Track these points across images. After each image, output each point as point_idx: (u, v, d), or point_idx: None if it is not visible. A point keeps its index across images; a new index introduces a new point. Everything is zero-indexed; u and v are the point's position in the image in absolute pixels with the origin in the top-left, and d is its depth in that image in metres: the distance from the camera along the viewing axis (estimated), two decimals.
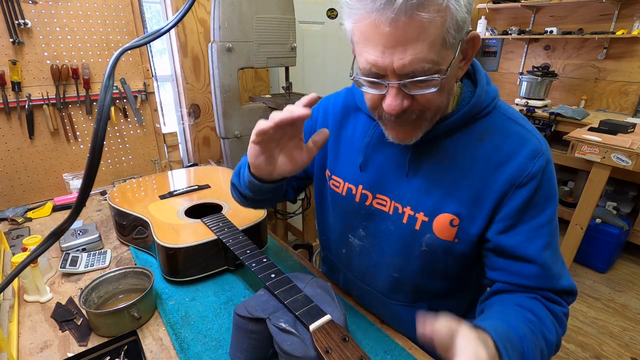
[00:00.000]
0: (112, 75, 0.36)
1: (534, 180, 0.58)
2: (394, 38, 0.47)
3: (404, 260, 0.71)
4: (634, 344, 1.81)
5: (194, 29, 1.94)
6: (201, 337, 0.73)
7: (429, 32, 0.46)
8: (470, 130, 0.62)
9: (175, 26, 0.93)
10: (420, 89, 0.52)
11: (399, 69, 0.49)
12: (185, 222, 0.98)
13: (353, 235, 0.78)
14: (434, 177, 0.64)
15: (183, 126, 2.12)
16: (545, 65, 3.22)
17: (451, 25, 0.47)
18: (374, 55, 0.50)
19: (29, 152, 1.56)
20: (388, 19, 0.46)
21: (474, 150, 0.61)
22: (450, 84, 0.56)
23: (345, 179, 0.76)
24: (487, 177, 0.60)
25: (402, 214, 0.67)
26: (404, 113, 0.55)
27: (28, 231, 1.13)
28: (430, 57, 0.48)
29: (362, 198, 0.73)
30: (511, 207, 0.59)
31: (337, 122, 0.78)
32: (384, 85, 0.53)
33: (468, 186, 0.61)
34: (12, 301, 0.78)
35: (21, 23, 1.40)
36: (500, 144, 0.60)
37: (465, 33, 0.52)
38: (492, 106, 0.63)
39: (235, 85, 1.72)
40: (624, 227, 2.26)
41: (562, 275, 0.61)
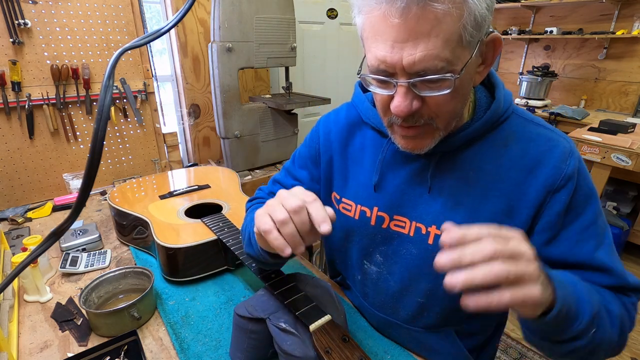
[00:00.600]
0: (112, 75, 0.36)
1: (570, 182, 0.54)
2: (404, 31, 0.43)
3: (432, 284, 0.64)
4: (634, 344, 1.81)
5: (194, 29, 1.94)
6: (201, 337, 0.73)
7: (443, 26, 0.43)
8: (492, 138, 0.59)
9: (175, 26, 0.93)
10: (431, 89, 0.48)
11: (408, 66, 0.45)
12: (185, 222, 0.98)
13: (369, 261, 0.71)
14: (460, 191, 0.59)
15: (183, 126, 2.12)
16: (545, 65, 3.22)
17: (469, 21, 0.43)
18: (383, 51, 0.46)
19: (29, 152, 1.56)
20: (399, 9, 0.42)
21: (499, 158, 0.57)
22: (465, 88, 0.51)
23: (357, 201, 0.69)
24: (518, 184, 0.56)
25: (427, 234, 0.62)
26: (412, 116, 0.51)
27: (28, 231, 1.13)
28: (444, 55, 0.44)
29: (378, 221, 0.67)
30: (552, 215, 0.55)
31: (342, 141, 0.72)
32: (392, 85, 0.49)
33: (498, 197, 0.57)
34: (12, 301, 0.78)
35: (21, 23, 1.40)
36: (526, 148, 0.57)
37: (485, 34, 0.48)
38: (510, 111, 0.59)
39: (235, 85, 1.73)
40: (624, 227, 2.25)
41: (625, 272, 0.56)
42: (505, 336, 1.85)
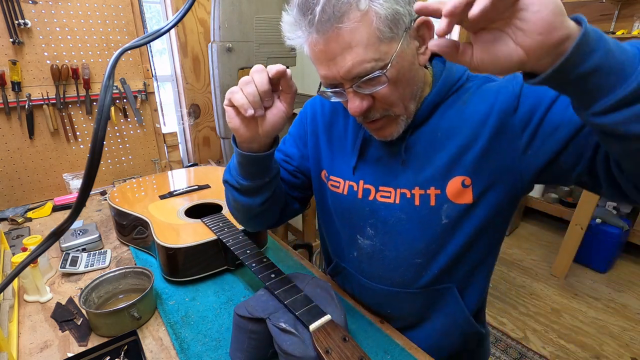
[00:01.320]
0: (112, 75, 0.36)
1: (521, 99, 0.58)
2: (330, 52, 0.53)
3: (425, 243, 0.69)
4: (634, 344, 1.81)
5: (194, 29, 1.94)
6: (201, 337, 0.73)
7: (357, 37, 0.50)
8: (452, 101, 0.65)
9: (175, 26, 0.93)
10: (372, 86, 0.55)
11: (344, 75, 0.54)
12: (185, 222, 0.98)
13: (362, 235, 0.76)
14: (432, 151, 0.65)
15: (183, 126, 2.12)
16: None
17: (380, 23, 0.50)
18: (323, 70, 0.56)
19: (29, 152, 1.56)
20: (318, 39, 0.52)
21: (460, 114, 0.64)
22: (408, 73, 0.57)
23: (345, 177, 0.75)
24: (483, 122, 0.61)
25: (412, 196, 0.67)
26: (369, 112, 0.59)
27: (28, 231, 1.14)
28: (369, 57, 0.52)
29: (365, 193, 0.72)
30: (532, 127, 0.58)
31: (327, 121, 0.78)
32: (343, 92, 0.58)
33: (467, 142, 0.63)
34: (12, 301, 0.78)
35: (21, 23, 1.40)
36: (483, 97, 0.62)
37: (410, 22, 0.53)
38: (466, 77, 0.65)
39: (235, 85, 1.72)
40: (624, 227, 2.26)
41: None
42: (506, 336, 1.85)
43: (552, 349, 1.79)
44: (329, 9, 0.49)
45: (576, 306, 2.07)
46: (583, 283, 2.26)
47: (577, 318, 1.98)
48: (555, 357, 1.74)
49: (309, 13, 0.50)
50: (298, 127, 0.84)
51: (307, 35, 0.53)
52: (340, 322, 0.62)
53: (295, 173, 0.82)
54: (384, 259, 0.74)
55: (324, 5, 0.49)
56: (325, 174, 0.79)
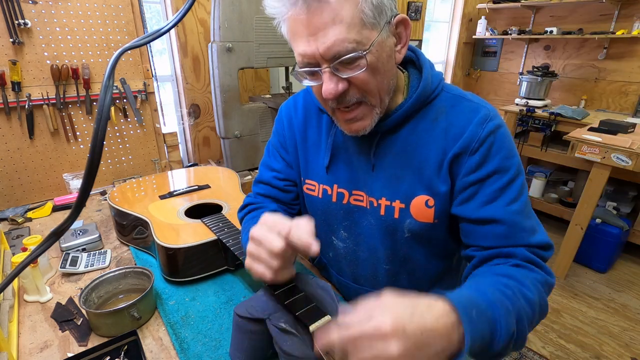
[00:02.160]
0: (112, 75, 0.36)
1: (485, 144, 0.60)
2: (312, 25, 0.52)
3: (391, 251, 0.72)
4: (634, 344, 1.81)
5: (194, 29, 1.94)
6: (201, 337, 0.73)
7: (342, 13, 0.50)
8: (424, 114, 0.65)
9: (175, 26, 0.93)
10: (351, 70, 0.55)
11: (324, 53, 0.53)
12: (185, 222, 0.98)
13: (336, 237, 0.79)
14: (401, 164, 0.66)
15: (183, 126, 2.12)
16: (545, 65, 3.22)
17: (365, 6, 0.51)
18: (302, 46, 0.54)
19: (29, 152, 1.56)
20: (302, 9, 0.51)
21: (431, 131, 0.64)
22: (385, 65, 0.57)
23: (319, 181, 0.76)
24: (447, 150, 0.63)
25: (379, 206, 0.69)
26: (343, 97, 0.58)
27: (28, 231, 1.13)
28: (351, 37, 0.51)
29: (339, 197, 0.74)
30: (468, 175, 0.61)
31: (302, 126, 0.78)
32: (319, 74, 0.56)
33: (432, 165, 0.64)
34: (12, 301, 0.78)
35: (21, 23, 1.40)
36: (453, 119, 0.63)
37: (391, 17, 0.55)
38: (440, 88, 0.66)
39: (235, 85, 1.73)
40: (624, 227, 2.25)
41: (535, 230, 0.61)
42: None
43: (552, 348, 1.78)
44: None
45: (576, 306, 2.07)
46: (583, 283, 2.26)
47: (577, 318, 1.98)
48: (555, 357, 1.74)
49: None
50: (277, 134, 0.83)
51: (291, 5, 0.52)
52: None
53: (285, 188, 0.82)
54: (357, 260, 0.77)
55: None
56: (301, 177, 0.80)
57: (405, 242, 0.70)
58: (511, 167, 0.60)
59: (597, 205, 2.17)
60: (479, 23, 3.52)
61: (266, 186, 0.82)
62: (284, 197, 0.82)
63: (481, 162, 0.60)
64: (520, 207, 0.60)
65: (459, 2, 3.48)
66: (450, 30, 3.63)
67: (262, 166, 0.86)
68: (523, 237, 0.60)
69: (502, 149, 0.60)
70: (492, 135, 0.60)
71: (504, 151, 0.60)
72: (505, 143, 0.61)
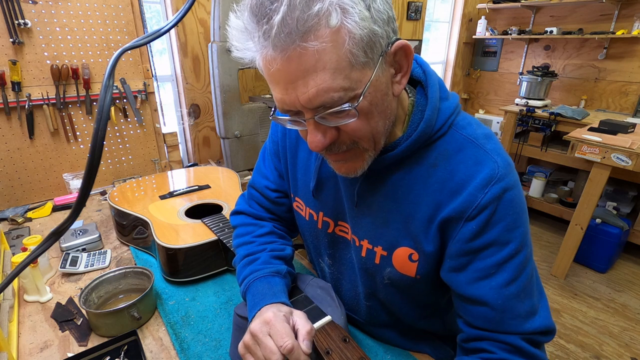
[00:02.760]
0: (112, 75, 0.36)
1: (484, 212, 0.51)
2: (289, 74, 0.42)
3: (371, 291, 0.68)
4: (634, 344, 1.81)
5: (194, 29, 1.94)
6: (201, 337, 0.73)
7: (325, 58, 0.41)
8: (423, 156, 0.55)
9: (175, 26, 0.93)
10: (339, 119, 0.46)
11: (306, 103, 0.44)
12: (185, 222, 0.98)
13: (322, 261, 0.76)
14: (389, 209, 0.59)
15: (183, 126, 2.12)
16: (545, 65, 3.22)
17: (354, 45, 0.41)
18: (279, 93, 0.46)
19: (29, 152, 1.56)
20: (275, 56, 0.42)
21: (428, 178, 0.55)
22: (381, 105, 0.48)
23: (307, 204, 0.72)
24: (440, 207, 0.54)
25: (360, 246, 0.64)
26: (332, 146, 0.50)
27: (28, 231, 1.13)
28: (338, 85, 0.42)
29: (324, 225, 0.70)
30: (461, 243, 0.53)
31: (293, 143, 0.72)
32: (302, 122, 0.48)
33: (422, 218, 0.56)
34: (12, 301, 0.78)
35: (21, 23, 1.40)
36: (454, 170, 0.53)
37: (387, 45, 0.45)
38: (448, 125, 0.55)
39: (235, 85, 1.72)
40: (624, 227, 2.25)
41: (534, 313, 0.53)
42: None
43: (552, 348, 1.78)
44: (291, 22, 0.39)
45: (576, 306, 2.07)
46: (583, 283, 2.26)
47: (577, 318, 1.98)
48: (555, 357, 1.74)
49: (265, 22, 0.40)
50: (272, 140, 0.78)
51: (260, 48, 0.43)
52: (340, 322, 0.62)
53: (277, 200, 0.78)
54: (341, 288, 0.75)
55: (284, 15, 0.39)
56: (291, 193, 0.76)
57: (384, 287, 0.65)
58: (512, 240, 0.51)
59: (597, 205, 2.17)
60: (479, 23, 3.52)
61: (258, 194, 0.79)
62: (277, 210, 0.79)
63: (478, 232, 0.51)
64: (518, 290, 0.52)
65: (459, 2, 3.48)
66: (450, 30, 3.63)
67: (256, 171, 0.82)
68: (516, 324, 0.52)
69: (504, 219, 0.51)
70: (495, 202, 0.50)
71: (507, 221, 0.51)
72: (510, 211, 0.51)
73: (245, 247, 0.72)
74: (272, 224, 0.78)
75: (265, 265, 0.67)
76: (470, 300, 0.54)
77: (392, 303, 0.67)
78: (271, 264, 0.67)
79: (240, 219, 0.80)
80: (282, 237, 0.77)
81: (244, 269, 0.68)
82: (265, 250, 0.70)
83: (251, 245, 0.72)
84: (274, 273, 0.65)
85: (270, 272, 0.65)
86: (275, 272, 0.65)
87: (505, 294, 0.52)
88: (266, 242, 0.73)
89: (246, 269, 0.68)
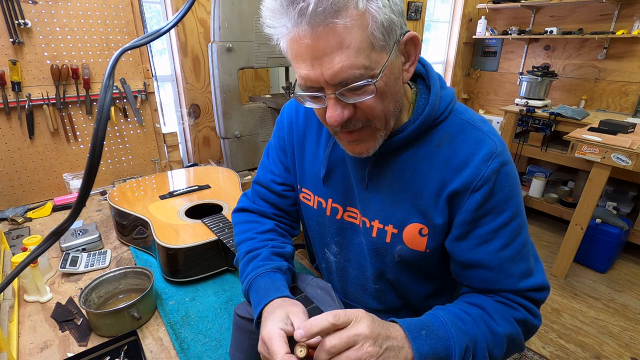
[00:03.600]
0: (112, 75, 0.36)
1: (487, 184, 0.57)
2: (317, 49, 0.47)
3: (380, 272, 0.71)
4: (634, 344, 1.81)
5: (194, 29, 1.94)
6: (201, 337, 0.73)
7: (351, 37, 0.46)
8: (428, 139, 0.61)
9: (175, 26, 0.93)
10: (358, 96, 0.51)
11: (330, 79, 0.48)
12: (185, 222, 0.98)
13: (328, 250, 0.77)
14: (398, 189, 0.63)
15: (183, 126, 2.12)
16: (545, 65, 3.22)
17: (375, 28, 0.47)
18: (305, 69, 0.50)
19: (29, 152, 1.56)
20: (307, 32, 0.46)
21: (432, 157, 0.61)
22: (393, 88, 0.54)
23: (315, 192, 0.74)
24: (447, 182, 0.60)
25: (371, 227, 0.67)
26: (348, 122, 0.55)
27: (28, 231, 1.13)
28: (360, 63, 0.47)
29: (333, 212, 0.72)
30: (467, 212, 0.59)
31: (300, 134, 0.75)
32: (323, 98, 0.52)
33: (430, 194, 0.61)
34: (12, 301, 0.78)
35: (21, 23, 1.40)
36: (457, 148, 0.59)
37: (400, 35, 0.51)
38: (448, 111, 0.61)
39: (235, 85, 1.72)
40: (624, 227, 2.25)
41: (529, 273, 0.60)
42: None
43: (552, 349, 1.78)
44: (326, 1, 0.44)
45: (576, 306, 2.07)
46: (583, 283, 2.26)
47: (577, 318, 1.98)
48: (555, 357, 1.74)
49: (302, 0, 0.45)
50: (277, 136, 0.81)
51: (293, 25, 0.47)
52: None
53: (283, 193, 0.80)
54: (347, 276, 0.76)
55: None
56: (298, 185, 0.78)
57: (394, 266, 0.68)
58: (507, 209, 0.58)
59: (597, 205, 2.17)
60: (479, 23, 3.52)
61: (264, 189, 0.81)
62: (282, 203, 0.80)
63: (482, 202, 0.57)
64: (512, 253, 0.59)
65: (459, 2, 3.47)
66: (450, 30, 3.63)
67: (261, 168, 0.84)
68: (511, 282, 0.59)
69: (502, 189, 0.58)
70: (495, 174, 0.57)
71: (504, 191, 0.58)
72: (507, 182, 0.58)
73: (247, 244, 0.73)
74: (275, 222, 0.79)
75: (267, 262, 0.68)
76: (470, 265, 0.61)
77: (401, 282, 0.70)
78: (272, 261, 0.68)
79: (243, 217, 0.81)
80: (283, 236, 0.78)
81: (247, 265, 0.69)
82: (266, 247, 0.71)
83: (253, 241, 0.73)
84: (275, 269, 0.67)
85: (272, 268, 0.67)
86: (277, 268, 0.67)
87: (500, 257, 0.59)
88: (268, 239, 0.74)
89: (248, 265, 0.69)
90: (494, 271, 0.59)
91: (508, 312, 0.59)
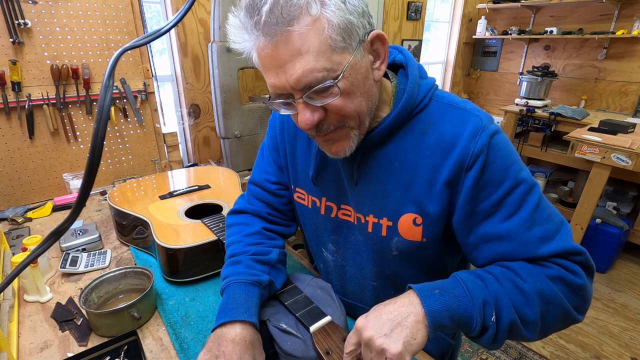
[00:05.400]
0: (112, 75, 0.36)
1: (479, 159, 0.56)
2: (278, 58, 0.49)
3: (379, 268, 0.70)
4: (634, 344, 1.81)
5: (194, 29, 1.94)
6: (201, 337, 0.73)
7: (308, 43, 0.48)
8: (411, 127, 0.62)
9: (175, 26, 0.93)
10: (325, 98, 0.52)
11: (295, 84, 0.50)
12: (185, 222, 0.98)
13: (325, 249, 0.77)
14: (388, 181, 0.63)
15: (183, 126, 2.12)
16: (545, 65, 3.22)
17: (332, 32, 0.48)
18: (272, 78, 0.52)
19: (29, 152, 1.56)
20: (266, 42, 0.49)
21: (418, 145, 0.61)
22: (362, 87, 0.54)
23: (309, 192, 0.74)
24: (438, 167, 0.59)
25: (366, 223, 0.67)
26: (321, 126, 0.56)
27: (28, 231, 1.13)
28: (320, 65, 0.49)
29: (327, 210, 0.72)
30: (466, 192, 0.58)
31: (292, 133, 0.75)
32: (293, 104, 0.54)
33: (422, 182, 0.61)
34: (12, 301, 0.78)
35: (21, 23, 1.40)
36: (442, 131, 0.59)
37: (364, 35, 0.52)
38: (428, 97, 0.61)
39: (235, 85, 1.72)
40: (624, 227, 2.25)
41: (549, 237, 0.56)
42: None
43: (552, 349, 1.79)
44: (277, 11, 0.46)
45: None
46: None
47: None
48: (555, 357, 1.74)
49: (256, 14, 0.47)
50: (270, 135, 0.81)
51: (254, 38, 0.49)
52: (340, 323, 0.62)
53: (277, 192, 0.80)
54: (345, 275, 0.76)
55: (271, 5, 0.46)
56: (291, 184, 0.79)
57: (393, 260, 0.68)
58: (505, 179, 0.56)
59: (597, 205, 2.17)
60: (479, 23, 3.52)
61: (259, 189, 0.81)
62: (276, 202, 0.80)
63: (478, 179, 0.56)
64: (522, 219, 0.56)
65: (459, 2, 3.47)
66: (450, 30, 3.63)
67: (255, 168, 0.85)
68: (528, 250, 0.56)
69: (495, 161, 0.56)
70: (486, 148, 0.56)
71: (497, 162, 0.56)
72: (499, 153, 0.57)
73: (232, 248, 0.73)
74: (266, 222, 0.79)
75: (247, 270, 0.67)
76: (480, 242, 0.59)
77: (400, 277, 0.70)
78: (253, 269, 0.67)
79: (235, 219, 0.81)
80: (272, 239, 0.77)
81: (227, 268, 0.69)
82: (248, 253, 0.70)
83: (238, 245, 0.73)
84: (255, 282, 0.65)
85: (252, 280, 0.65)
86: (257, 282, 0.65)
87: (509, 225, 0.56)
88: (252, 243, 0.73)
89: (228, 269, 0.69)
90: (504, 241, 0.56)
91: (537, 269, 0.55)
